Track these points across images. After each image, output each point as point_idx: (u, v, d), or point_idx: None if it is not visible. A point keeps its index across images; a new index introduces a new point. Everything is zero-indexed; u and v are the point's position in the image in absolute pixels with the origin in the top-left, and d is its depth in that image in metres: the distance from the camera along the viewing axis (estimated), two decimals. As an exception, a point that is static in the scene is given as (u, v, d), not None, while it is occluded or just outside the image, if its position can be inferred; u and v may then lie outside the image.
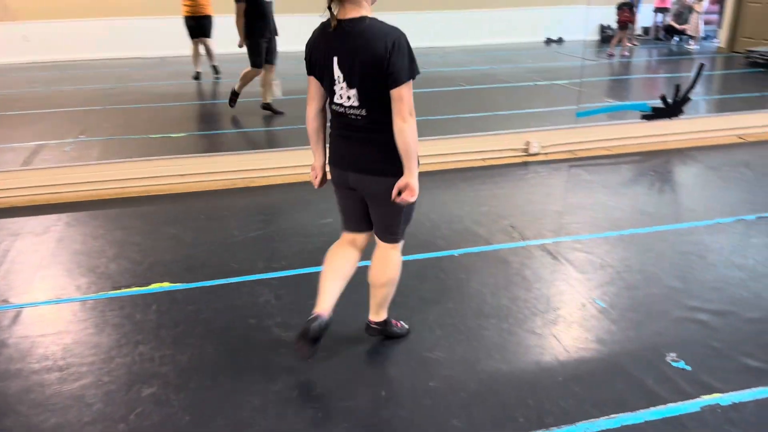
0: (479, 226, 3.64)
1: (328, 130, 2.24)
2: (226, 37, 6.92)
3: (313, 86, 2.15)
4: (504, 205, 3.96)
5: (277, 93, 6.27)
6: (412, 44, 1.99)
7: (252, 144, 5.67)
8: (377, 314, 2.45)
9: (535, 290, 2.92)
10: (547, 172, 4.61)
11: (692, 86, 5.22)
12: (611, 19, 11.29)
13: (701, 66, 5.40)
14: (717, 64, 9.78)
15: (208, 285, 3.02)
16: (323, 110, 2.22)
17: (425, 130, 5.84)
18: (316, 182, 2.33)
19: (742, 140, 5.29)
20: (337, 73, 2.02)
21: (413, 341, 2.54)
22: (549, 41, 12.61)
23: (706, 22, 11.96)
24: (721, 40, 10.99)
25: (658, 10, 12.44)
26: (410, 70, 1.97)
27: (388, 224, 2.26)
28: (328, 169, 2.30)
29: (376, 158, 2.10)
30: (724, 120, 5.41)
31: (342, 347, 2.49)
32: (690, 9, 11.69)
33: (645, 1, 12.56)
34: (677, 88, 5.19)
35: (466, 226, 3.65)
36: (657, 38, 12.53)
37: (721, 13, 11.62)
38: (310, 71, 2.13)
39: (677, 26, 11.91)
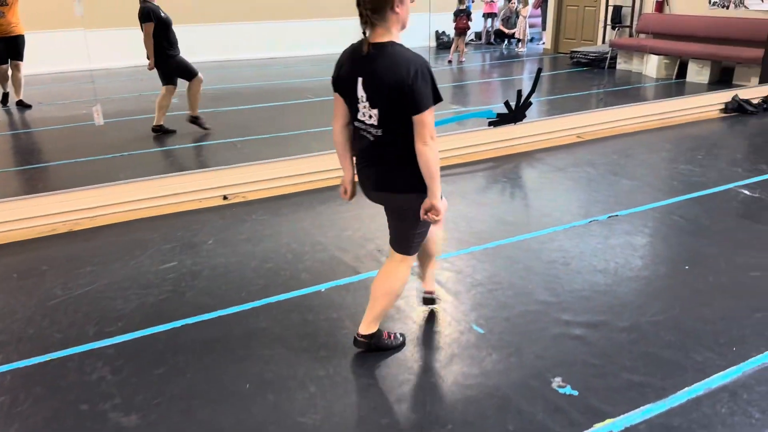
0: (345, 253, 3.38)
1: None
2: (36, 56, 6.04)
3: (339, 103, 2.27)
4: (368, 227, 3.74)
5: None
6: (248, 55, 1.70)
7: (76, 179, 4.95)
8: (368, 327, 2.46)
9: (411, 322, 2.71)
10: (405, 186, 4.47)
11: (532, 91, 5.37)
12: (446, 25, 11.65)
13: (539, 71, 5.59)
14: (546, 65, 10.42)
15: (22, 366, 2.46)
16: (347, 126, 2.30)
17: (275, 148, 5.64)
18: (346, 197, 2.45)
19: (580, 139, 5.54)
20: (361, 92, 2.13)
21: (283, 403, 2.21)
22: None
23: (531, 26, 12.77)
24: (546, 41, 11.77)
25: (487, 15, 13.06)
26: (433, 97, 2.08)
27: (403, 238, 2.39)
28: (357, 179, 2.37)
29: (391, 176, 2.22)
30: (563, 121, 5.65)
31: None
32: (517, 14, 12.41)
33: (474, 7, 13.14)
34: (519, 93, 5.32)
35: (331, 255, 3.37)
36: (489, 42, 13.15)
37: (543, 16, 12.46)
38: (336, 88, 2.26)
39: (506, 30, 12.59)
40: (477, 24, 13.31)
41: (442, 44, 12.65)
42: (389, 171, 2.22)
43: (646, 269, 3.12)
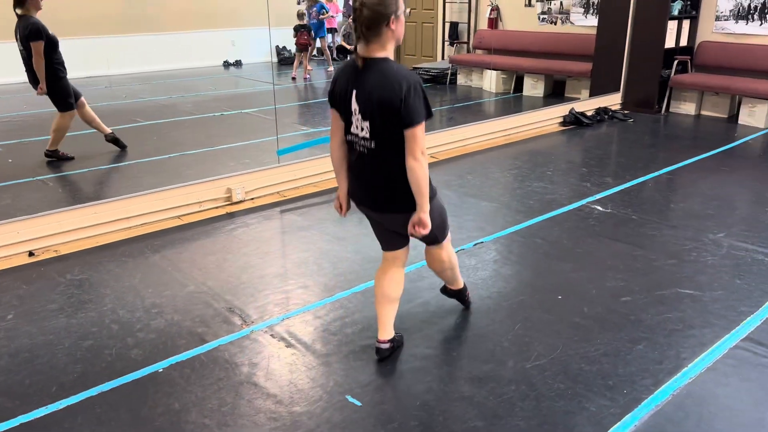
0: (187, 317, 2.83)
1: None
2: None
3: (335, 118, 2.27)
4: (215, 278, 3.21)
5: None
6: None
7: None
8: (451, 285, 2.79)
9: (270, 399, 2.26)
10: (257, 222, 3.99)
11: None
12: (286, 40, 11.25)
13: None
14: (390, 81, 10.38)
15: None
16: (344, 142, 2.29)
17: (96, 187, 4.86)
18: (341, 212, 2.45)
19: (434, 159, 5.41)
20: (354, 105, 2.17)
21: None
22: (227, 64, 12.07)
23: (372, 42, 12.74)
24: (388, 58, 11.77)
25: (327, 30, 12.85)
26: (425, 112, 2.12)
27: (424, 239, 2.44)
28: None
29: (388, 195, 2.26)
30: (447, 135, 5.51)
31: None
32: (357, 29, 12.32)
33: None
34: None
35: (169, 320, 2.80)
36: (332, 58, 12.94)
37: (383, 32, 12.47)
38: (333, 104, 2.27)
39: (348, 46, 12.46)
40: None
41: (284, 60, 12.22)
42: (385, 190, 2.26)
43: (521, 305, 2.93)
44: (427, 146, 5.41)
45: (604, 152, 5.76)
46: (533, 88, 8.44)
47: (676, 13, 6.99)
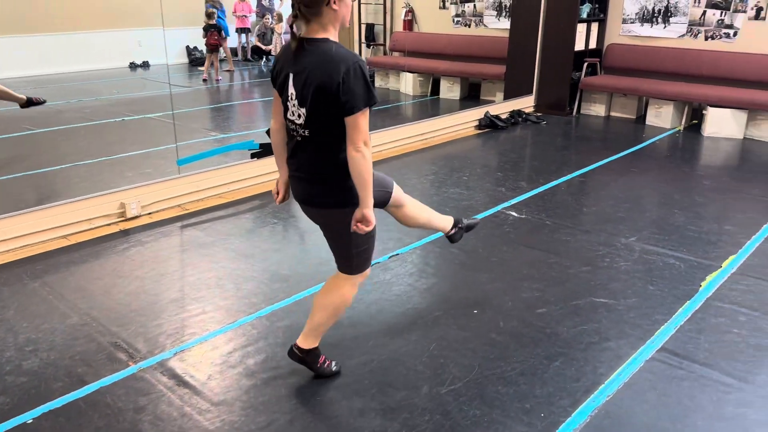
0: (66, 354, 2.51)
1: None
2: None
3: (276, 101, 2.14)
4: (101, 307, 2.89)
5: None
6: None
7: None
8: (306, 340, 2.33)
9: (161, 453, 2.00)
10: (154, 240, 3.67)
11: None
12: (197, 40, 10.77)
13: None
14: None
15: None
16: (284, 125, 2.15)
17: None
18: (278, 199, 2.29)
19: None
20: (291, 89, 2.03)
21: None
22: (134, 66, 11.43)
23: (288, 43, 12.42)
24: (304, 59, 11.48)
25: (240, 30, 12.42)
26: (367, 98, 1.94)
27: (344, 256, 2.25)
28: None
29: (319, 189, 2.11)
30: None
31: None
32: (272, 30, 11.98)
33: (227, 22, 12.41)
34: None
35: (44, 360, 2.47)
36: (246, 59, 12.53)
37: (299, 33, 12.16)
38: (274, 84, 2.12)
39: (263, 47, 12.09)
40: (232, 40, 12.59)
41: (196, 61, 11.69)
42: (316, 183, 2.10)
43: (436, 322, 2.79)
44: (380, 142, 5.26)
45: (519, 156, 5.76)
46: (450, 90, 8.42)
47: (585, 16, 7.13)
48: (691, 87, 6.53)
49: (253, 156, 4.68)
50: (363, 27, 9.78)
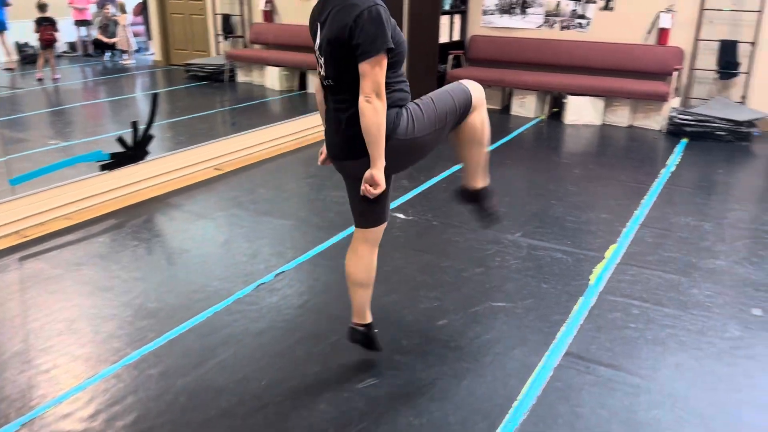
0: None
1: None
2: None
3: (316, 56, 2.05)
4: None
5: None
6: None
7: None
8: (363, 316, 2.34)
9: None
10: (-15, 279, 3.06)
11: (151, 121, 4.39)
12: (29, 35, 9.56)
13: (155, 97, 4.60)
14: (160, 80, 9.36)
15: None
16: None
17: None
18: (320, 159, 2.25)
19: (219, 171, 4.80)
20: (318, 41, 1.96)
21: None
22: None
23: (136, 34, 11.45)
24: (156, 52, 10.64)
25: (79, 23, 11.23)
26: (378, 44, 1.81)
27: (359, 207, 2.16)
28: None
29: (341, 139, 2.02)
30: (197, 153, 4.79)
31: None
32: (115, 22, 10.95)
33: (63, 13, 11.15)
34: (135, 125, 4.28)
35: None
36: (87, 54, 11.36)
37: (147, 24, 11.24)
38: (313, 39, 2.03)
39: (106, 40, 11.03)
40: (70, 33, 11.35)
41: (28, 58, 10.38)
42: (343, 134, 2.01)
43: (335, 349, 2.53)
44: (210, 157, 4.82)
45: (396, 151, 5.62)
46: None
47: (448, 7, 7.14)
48: (551, 76, 6.76)
49: (103, 168, 4.11)
50: (219, 18, 9.18)
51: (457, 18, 7.35)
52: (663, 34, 6.41)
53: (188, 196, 4.29)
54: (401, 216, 3.93)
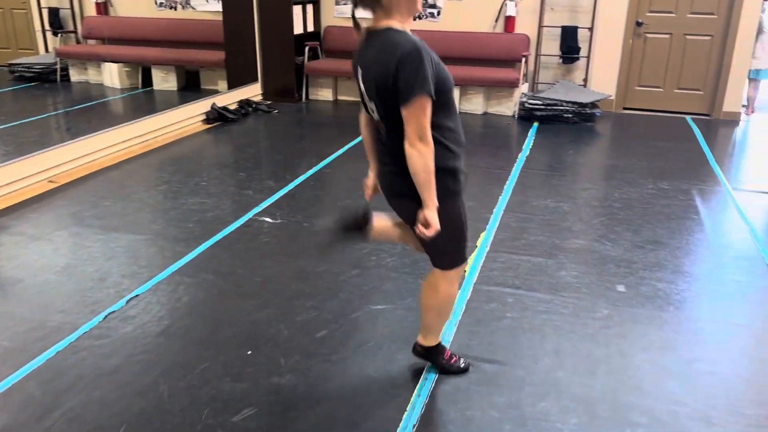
0: None
1: None
2: None
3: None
4: None
5: None
6: None
7: None
8: (425, 338, 2.28)
9: None
10: None
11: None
12: None
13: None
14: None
15: None
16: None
17: None
18: (367, 193, 2.21)
19: (54, 184, 4.24)
20: (361, 84, 1.93)
21: None
22: None
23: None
24: (-29, 51, 9.34)
25: None
26: (418, 87, 1.75)
27: (433, 249, 2.06)
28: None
29: (398, 180, 1.95)
30: (27, 164, 4.19)
31: None
32: None
33: None
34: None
35: None
36: None
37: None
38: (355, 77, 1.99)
39: None
40: None
41: None
42: (396, 175, 1.94)
43: (203, 379, 2.27)
44: (43, 168, 4.24)
45: (258, 150, 5.35)
46: (165, 81, 7.55)
47: (299, -3, 6.91)
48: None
49: None
50: (45, 12, 8.22)
51: (309, 8, 7.14)
52: (509, 21, 6.67)
53: (18, 215, 3.74)
54: (269, 220, 3.70)
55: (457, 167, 1.94)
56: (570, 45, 6.49)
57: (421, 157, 1.79)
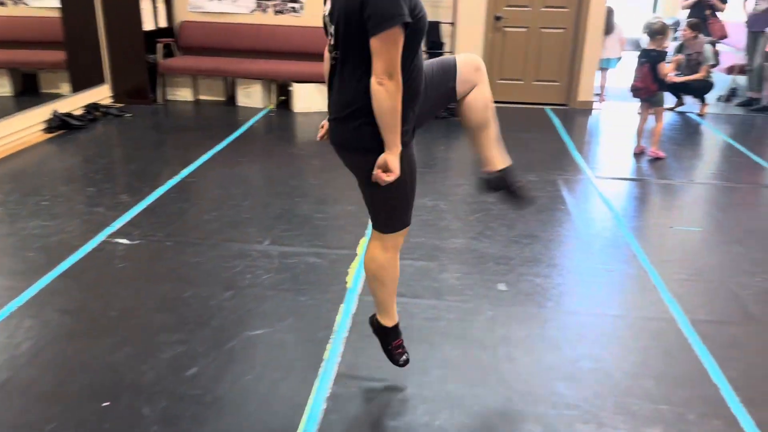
0: None
1: None
2: None
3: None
4: None
5: None
6: None
7: None
8: (380, 314, 2.18)
9: None
10: None
11: None
12: None
13: None
14: None
15: None
16: None
17: None
18: (319, 134, 2.06)
19: None
20: (329, 4, 1.79)
21: None
22: None
23: None
24: None
25: None
26: (391, 17, 1.60)
27: (370, 209, 1.96)
28: None
29: (344, 127, 1.81)
30: None
31: None
32: None
33: None
34: None
35: None
36: None
37: None
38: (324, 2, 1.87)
39: None
40: None
41: None
42: (342, 121, 1.80)
43: (52, 440, 1.94)
44: None
45: (110, 161, 4.84)
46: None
47: (148, -9, 6.36)
48: (273, 64, 6.50)
49: None
50: None
51: (161, 3, 6.61)
52: (374, 17, 6.58)
53: None
54: (124, 241, 3.31)
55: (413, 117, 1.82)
56: (433, 40, 6.54)
57: (387, 97, 1.65)
